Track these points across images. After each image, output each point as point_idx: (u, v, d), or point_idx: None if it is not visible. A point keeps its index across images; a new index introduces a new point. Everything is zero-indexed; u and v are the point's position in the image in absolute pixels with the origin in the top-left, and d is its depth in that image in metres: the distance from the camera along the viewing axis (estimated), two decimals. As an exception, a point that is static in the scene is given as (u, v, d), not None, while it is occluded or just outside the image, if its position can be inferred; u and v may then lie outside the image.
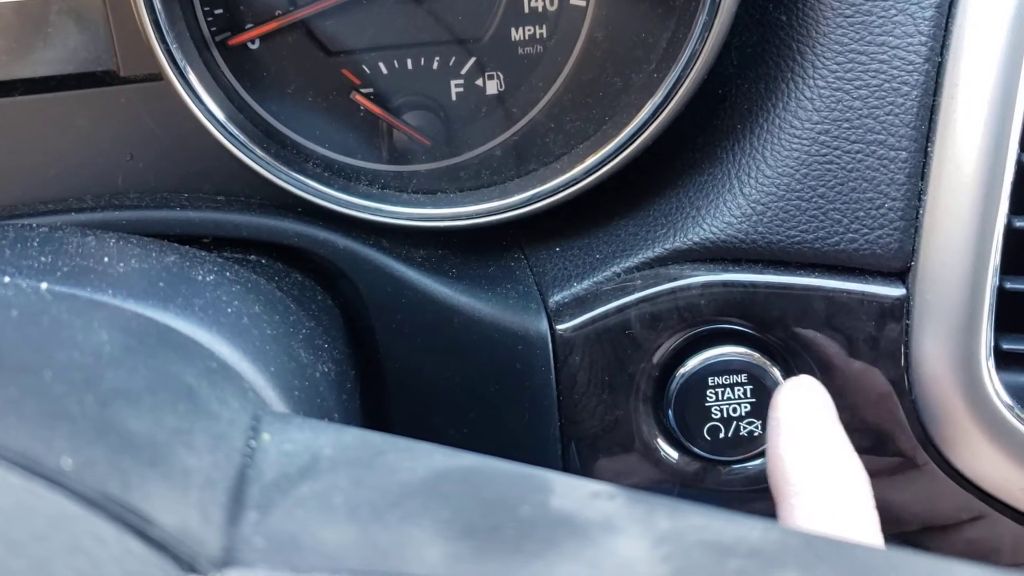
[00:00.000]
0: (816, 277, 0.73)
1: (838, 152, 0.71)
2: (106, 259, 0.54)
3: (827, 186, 0.71)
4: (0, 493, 0.26)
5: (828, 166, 0.71)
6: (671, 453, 0.77)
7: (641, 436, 0.77)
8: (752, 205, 0.73)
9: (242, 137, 0.76)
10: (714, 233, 0.73)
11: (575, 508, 0.36)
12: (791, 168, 0.72)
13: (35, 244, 0.54)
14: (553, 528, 0.34)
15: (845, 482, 0.58)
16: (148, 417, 0.36)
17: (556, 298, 0.76)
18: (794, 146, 0.72)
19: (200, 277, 0.57)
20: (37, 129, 0.81)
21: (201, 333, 0.50)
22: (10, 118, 0.80)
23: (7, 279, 0.48)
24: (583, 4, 0.84)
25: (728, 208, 0.73)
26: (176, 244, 0.65)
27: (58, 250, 0.54)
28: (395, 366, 0.81)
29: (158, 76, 0.79)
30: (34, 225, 0.60)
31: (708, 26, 0.68)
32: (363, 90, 0.85)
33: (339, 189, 0.79)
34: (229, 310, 0.55)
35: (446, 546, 0.32)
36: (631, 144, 0.73)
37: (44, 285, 0.48)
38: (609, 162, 0.74)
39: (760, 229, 0.73)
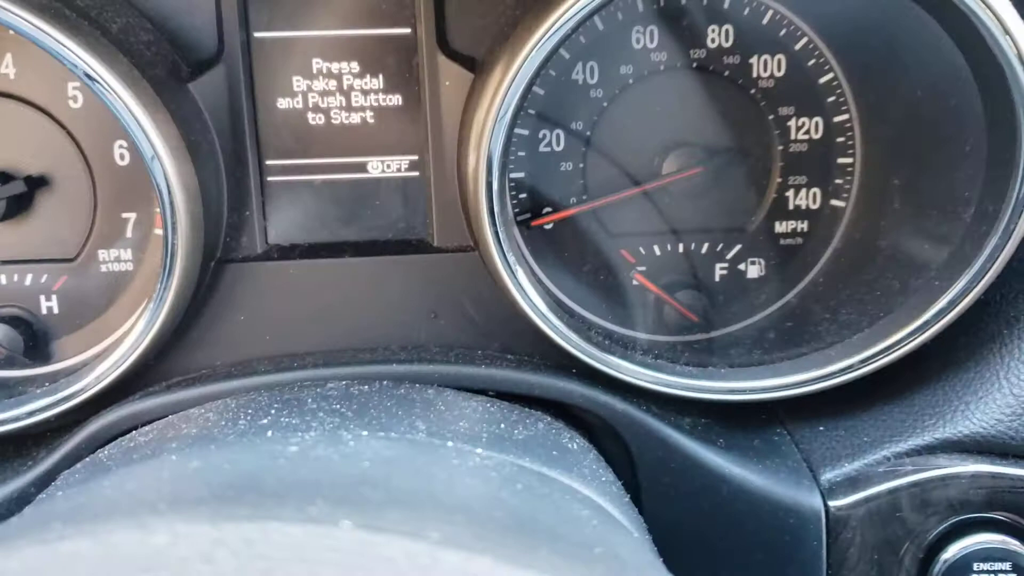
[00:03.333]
0: (1083, 477, 0.78)
1: (1107, 365, 0.77)
2: (503, 426, 0.63)
3: (1096, 394, 0.77)
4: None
5: (1098, 375, 0.77)
6: (932, 633, 0.81)
7: (905, 614, 0.81)
8: (1022, 405, 0.79)
9: (543, 308, 0.85)
10: (984, 427, 0.80)
11: None
12: (1061, 375, 0.78)
13: (443, 408, 0.64)
14: None
15: None
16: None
17: (828, 476, 0.82)
18: (1064, 355, 0.78)
19: (568, 444, 0.66)
20: (357, 286, 0.92)
21: (605, 503, 0.58)
22: (337, 275, 0.92)
23: (450, 443, 0.57)
24: (843, 205, 0.94)
25: (997, 405, 0.80)
26: (532, 410, 0.73)
27: (464, 416, 0.63)
28: (657, 526, 0.87)
29: (467, 248, 0.90)
30: (422, 387, 0.70)
31: (999, 248, 0.76)
32: (638, 268, 0.95)
33: (619, 357, 0.87)
34: (603, 478, 0.63)
35: None
36: (909, 343, 0.81)
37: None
38: (885, 356, 0.82)
39: (1030, 428, 0.79)
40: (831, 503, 0.81)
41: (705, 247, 0.95)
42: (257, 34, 0.87)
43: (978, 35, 0.73)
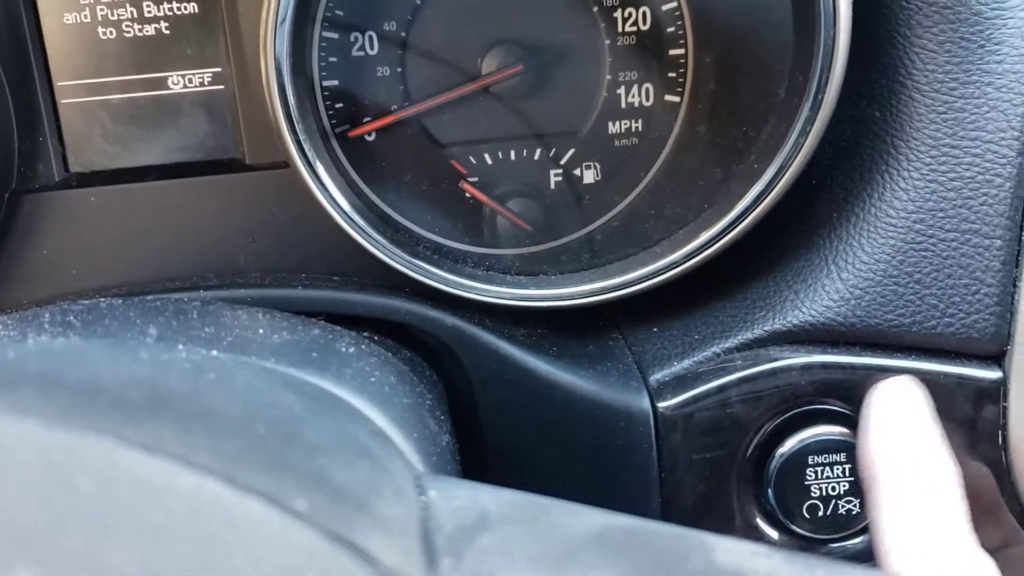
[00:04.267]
0: (914, 360, 0.75)
1: (933, 240, 0.74)
2: (260, 331, 0.58)
3: (923, 272, 0.74)
4: (265, 525, 0.30)
5: (924, 253, 0.74)
6: (771, 532, 0.79)
7: (741, 514, 0.78)
8: (850, 290, 0.76)
9: (362, 223, 0.80)
10: (813, 316, 0.76)
11: (739, 562, 0.38)
12: (887, 255, 0.75)
13: (195, 316, 0.59)
14: (724, 580, 0.37)
15: (933, 476, 0.61)
16: (345, 469, 0.39)
17: (657, 376, 0.79)
18: (890, 234, 0.75)
19: (343, 349, 0.61)
20: (167, 212, 0.86)
21: (355, 399, 0.53)
22: (143, 201, 0.86)
23: (181, 347, 0.52)
24: (677, 100, 0.89)
25: (827, 292, 0.76)
26: (313, 319, 0.69)
27: (217, 322, 0.58)
28: (496, 440, 0.84)
29: (282, 164, 0.85)
30: (186, 299, 0.65)
31: (811, 121, 0.72)
32: (469, 179, 0.90)
33: (447, 271, 0.83)
34: (372, 379, 0.58)
35: (632, 592, 0.35)
36: (731, 231, 0.77)
37: (215, 352, 0.52)
38: (709, 247, 0.78)
39: (859, 313, 0.75)
40: (659, 404, 0.77)
41: (538, 153, 0.91)
42: (29, -59, 0.81)
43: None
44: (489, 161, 0.91)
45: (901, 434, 0.66)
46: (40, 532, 0.25)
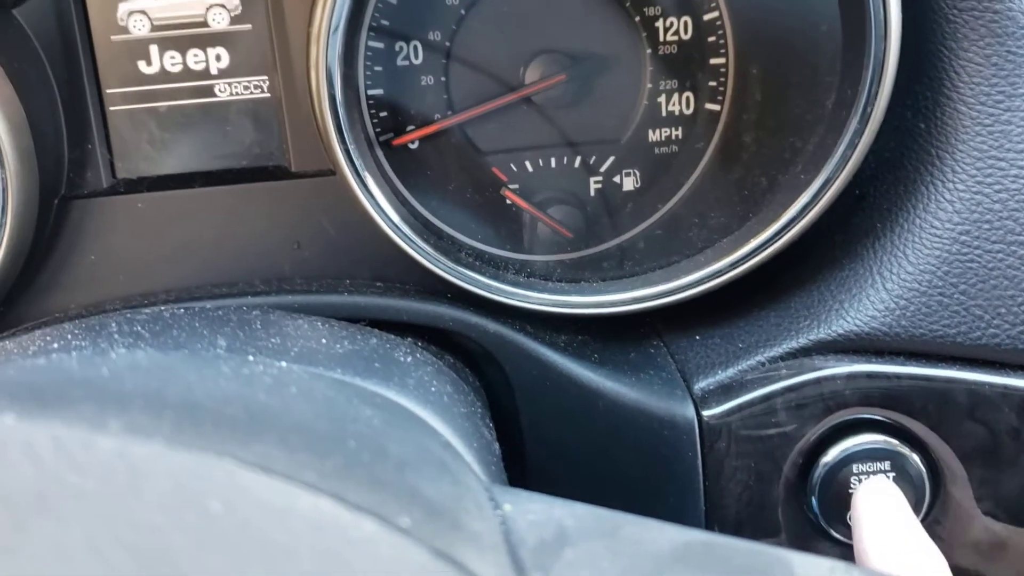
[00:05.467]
0: (958, 370, 0.76)
1: (979, 251, 0.75)
2: (323, 340, 0.59)
3: (968, 283, 0.75)
4: (380, 544, 0.31)
5: (969, 264, 0.75)
6: (814, 539, 0.79)
7: (785, 522, 0.79)
8: (895, 300, 0.76)
9: (408, 231, 0.81)
10: (858, 326, 0.77)
11: (821, 580, 0.39)
12: (932, 265, 0.75)
13: (259, 327, 0.60)
14: (809, 596, 0.37)
15: (929, 568, 0.63)
16: (432, 484, 0.40)
17: (701, 385, 0.80)
18: (935, 245, 0.75)
19: (402, 358, 0.62)
20: (213, 218, 0.87)
21: (421, 411, 0.54)
22: (189, 207, 0.87)
23: (253, 358, 0.53)
24: (718, 108, 0.90)
25: (871, 302, 0.77)
26: (368, 327, 0.70)
27: (281, 332, 0.59)
28: (537, 448, 0.84)
29: (327, 172, 0.86)
30: (247, 308, 0.66)
31: (859, 133, 0.73)
32: (510, 186, 0.91)
33: (490, 277, 0.83)
34: (432, 389, 0.59)
35: (723, 609, 0.36)
36: (777, 240, 0.78)
37: (284, 363, 0.53)
38: (754, 257, 0.79)
39: (903, 323, 0.76)
40: (704, 412, 0.78)
41: (578, 161, 0.91)
42: (81, -49, 0.81)
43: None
44: (530, 169, 0.91)
45: (895, 533, 0.68)
46: (183, 556, 0.26)
